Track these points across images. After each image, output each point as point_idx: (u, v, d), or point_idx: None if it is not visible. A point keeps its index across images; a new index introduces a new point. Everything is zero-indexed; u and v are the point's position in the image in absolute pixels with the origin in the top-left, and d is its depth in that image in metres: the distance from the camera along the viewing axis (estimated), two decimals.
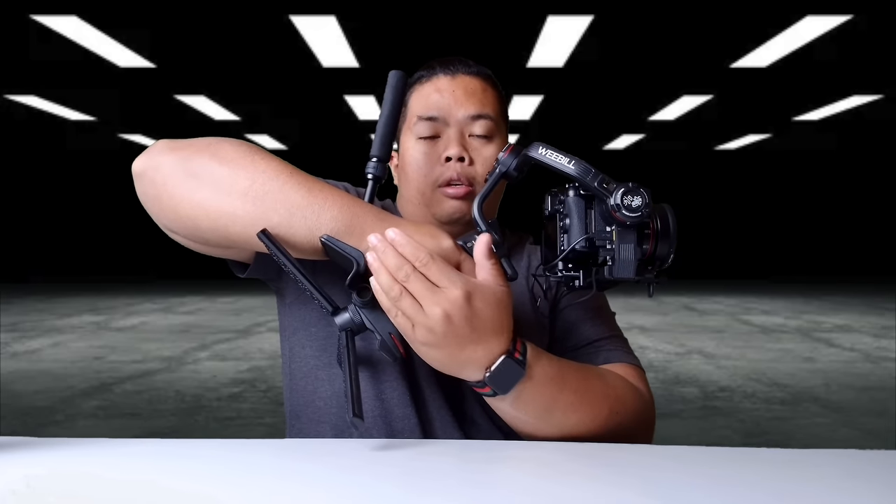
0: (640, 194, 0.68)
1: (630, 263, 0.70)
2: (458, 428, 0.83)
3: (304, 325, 0.88)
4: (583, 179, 0.70)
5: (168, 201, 0.70)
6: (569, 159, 0.71)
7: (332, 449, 0.72)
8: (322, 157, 11.78)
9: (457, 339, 0.64)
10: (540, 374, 0.69)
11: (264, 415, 3.62)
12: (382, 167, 0.81)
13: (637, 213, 0.68)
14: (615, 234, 0.70)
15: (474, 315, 0.64)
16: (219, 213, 0.68)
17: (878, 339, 6.22)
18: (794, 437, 3.28)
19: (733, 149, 13.38)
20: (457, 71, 0.91)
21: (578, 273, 0.74)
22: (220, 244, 0.74)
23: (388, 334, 0.68)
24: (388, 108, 0.82)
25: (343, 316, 0.70)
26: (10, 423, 3.45)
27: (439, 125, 0.89)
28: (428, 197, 0.89)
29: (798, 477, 0.61)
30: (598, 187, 0.70)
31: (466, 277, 0.66)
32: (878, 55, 6.75)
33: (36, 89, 8.39)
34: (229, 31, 6.23)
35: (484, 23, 5.98)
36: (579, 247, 0.72)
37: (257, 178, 0.67)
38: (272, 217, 0.66)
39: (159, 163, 0.70)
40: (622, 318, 0.89)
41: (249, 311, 8.18)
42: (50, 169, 14.35)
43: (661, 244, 0.71)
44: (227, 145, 0.71)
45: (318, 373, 0.86)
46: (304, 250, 0.69)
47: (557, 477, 0.61)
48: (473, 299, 0.64)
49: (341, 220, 0.67)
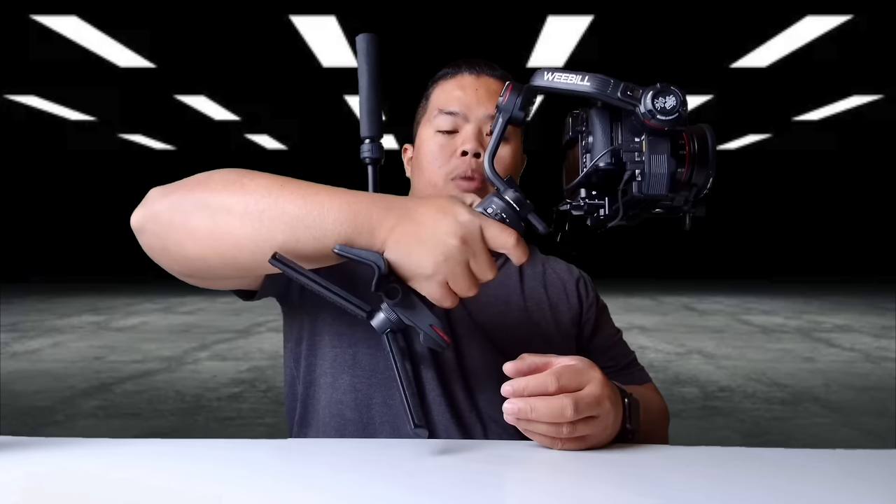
0: (673, 93, 0.60)
1: (662, 178, 0.62)
2: (462, 434, 0.83)
3: (309, 334, 0.88)
4: (602, 94, 0.62)
5: (175, 248, 0.67)
6: (581, 76, 0.64)
7: (332, 449, 0.72)
8: (322, 158, 11.81)
9: (614, 413, 0.70)
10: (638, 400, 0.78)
11: (264, 415, 3.62)
12: (378, 147, 0.79)
13: (673, 114, 0.60)
14: (645, 144, 0.62)
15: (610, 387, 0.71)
16: (224, 246, 0.65)
17: (878, 339, 6.22)
18: (794, 437, 3.28)
19: (733, 149, 13.38)
20: (482, 72, 0.94)
21: (603, 200, 0.66)
22: (236, 275, 0.72)
23: (430, 326, 0.64)
24: (367, 78, 0.78)
25: (379, 317, 0.65)
26: (10, 423, 3.45)
27: (459, 120, 0.91)
28: (440, 189, 0.90)
29: (798, 477, 0.61)
30: (622, 98, 0.62)
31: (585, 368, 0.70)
32: (878, 55, 6.75)
33: (36, 89, 8.39)
34: (229, 31, 6.23)
35: (484, 23, 5.98)
36: (603, 163, 0.63)
37: (249, 199, 0.64)
38: (276, 236, 0.63)
39: (155, 212, 0.67)
40: (622, 318, 0.90)
41: (249, 311, 8.17)
42: (50, 169, 14.36)
43: (699, 170, 0.64)
44: (216, 176, 0.67)
45: (320, 380, 0.86)
46: (319, 260, 0.65)
47: (558, 477, 0.61)
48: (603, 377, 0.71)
49: (345, 221, 0.62)
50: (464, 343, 0.88)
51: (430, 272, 0.61)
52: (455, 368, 0.86)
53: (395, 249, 0.62)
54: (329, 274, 0.65)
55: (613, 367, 0.99)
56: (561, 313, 0.97)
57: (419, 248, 0.61)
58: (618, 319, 0.96)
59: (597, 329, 1.00)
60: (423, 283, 0.62)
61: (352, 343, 0.85)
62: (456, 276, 0.61)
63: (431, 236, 0.61)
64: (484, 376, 0.85)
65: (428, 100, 0.96)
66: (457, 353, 0.87)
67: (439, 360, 0.86)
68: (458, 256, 0.61)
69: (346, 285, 0.65)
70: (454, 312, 0.89)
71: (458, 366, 0.86)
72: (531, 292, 0.96)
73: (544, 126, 10.57)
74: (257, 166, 0.71)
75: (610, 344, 1.01)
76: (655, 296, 10.27)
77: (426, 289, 0.62)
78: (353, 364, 0.85)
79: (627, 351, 1.03)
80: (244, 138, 12.29)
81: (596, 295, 1.03)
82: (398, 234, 0.62)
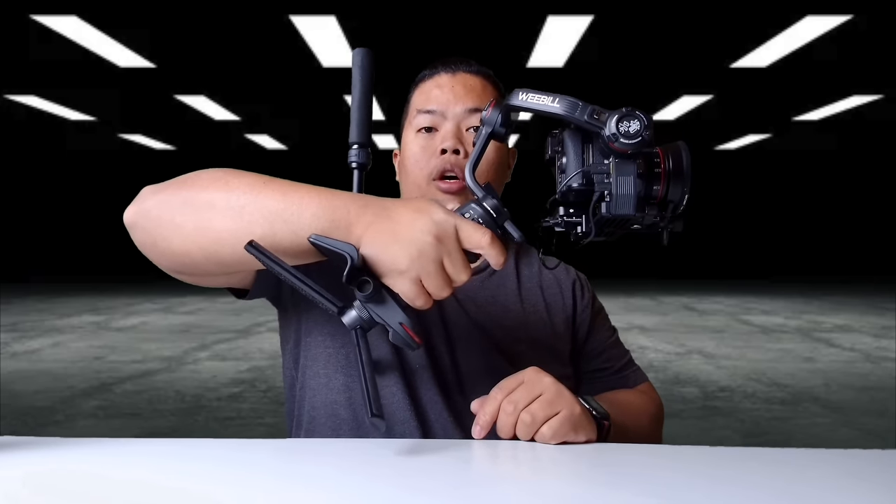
0: (637, 118, 0.62)
1: (629, 198, 0.64)
2: (461, 433, 0.83)
3: (302, 335, 0.89)
4: (571, 116, 0.64)
5: (162, 243, 0.69)
6: (552, 98, 0.65)
7: (331, 449, 0.72)
8: (322, 158, 11.80)
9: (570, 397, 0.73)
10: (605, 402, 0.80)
11: (264, 415, 3.62)
12: (365, 153, 0.81)
13: (636, 138, 0.62)
14: (612, 166, 0.65)
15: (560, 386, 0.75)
16: (206, 240, 0.66)
17: (878, 339, 6.22)
18: (794, 437, 3.28)
19: (733, 149, 13.38)
20: (458, 69, 0.95)
21: (580, 218, 0.68)
22: (221, 272, 0.73)
23: (399, 324, 0.65)
24: (360, 88, 0.81)
25: (350, 314, 0.66)
26: (10, 423, 3.45)
27: (437, 118, 0.92)
28: (423, 190, 0.92)
29: (798, 477, 0.61)
30: (588, 121, 0.64)
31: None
32: (878, 55, 6.75)
33: (36, 89, 8.39)
34: (229, 31, 6.23)
35: (484, 23, 5.98)
36: (576, 184, 0.66)
37: (231, 196, 0.66)
38: (254, 230, 0.64)
39: (145, 209, 0.69)
40: (622, 318, 0.90)
41: (249, 311, 8.17)
42: (50, 169, 14.35)
43: (674, 185, 0.65)
44: (204, 175, 0.69)
45: (315, 381, 0.87)
46: (296, 255, 0.66)
47: (558, 477, 0.61)
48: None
49: (323, 216, 0.64)
50: (461, 345, 0.88)
51: (404, 268, 0.62)
52: (452, 370, 0.87)
53: (370, 245, 0.63)
54: (308, 276, 0.66)
55: (608, 369, 1.00)
56: (556, 315, 0.97)
57: (394, 244, 0.62)
58: (618, 319, 0.96)
59: (591, 331, 1.01)
60: (396, 279, 0.63)
61: (344, 343, 0.86)
62: (429, 273, 0.62)
63: (407, 233, 0.62)
64: (481, 377, 0.85)
65: (409, 103, 0.97)
66: (454, 354, 0.88)
67: (438, 362, 0.86)
68: (432, 253, 0.62)
69: (324, 286, 0.66)
70: (452, 315, 0.89)
71: (455, 367, 0.87)
72: (527, 293, 0.97)
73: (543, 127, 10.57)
74: (257, 166, 0.72)
75: (604, 347, 1.01)
76: (655, 296, 10.27)
77: (400, 286, 0.63)
78: (347, 364, 0.86)
79: (622, 352, 1.04)
80: (244, 138, 12.29)
81: (592, 296, 1.03)
82: (374, 230, 0.63)
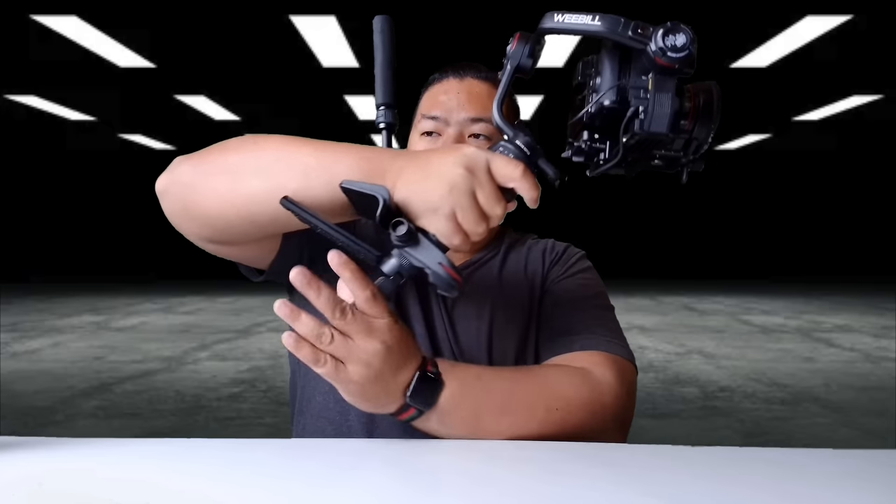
0: (683, 31, 0.61)
1: (665, 116, 0.61)
2: None
3: None
4: (613, 33, 0.62)
5: (195, 208, 0.70)
6: (591, 16, 0.63)
7: (332, 448, 0.72)
8: None
9: (391, 367, 0.64)
10: (458, 382, 0.68)
11: (264, 415, 3.62)
12: (392, 113, 0.81)
13: (683, 51, 0.60)
14: (652, 82, 0.62)
15: (403, 338, 0.64)
16: (241, 200, 0.67)
17: (878, 339, 6.22)
18: (794, 437, 3.28)
19: (733, 149, 13.38)
20: (466, 75, 0.95)
21: (604, 144, 0.65)
22: (255, 235, 0.73)
23: (439, 264, 0.62)
24: (381, 52, 0.82)
25: (391, 262, 0.64)
26: (10, 423, 3.45)
27: (440, 125, 0.92)
28: None
29: (798, 477, 0.60)
30: (632, 36, 0.62)
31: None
32: (878, 55, 6.75)
33: (36, 89, 8.39)
34: (229, 31, 6.23)
35: (484, 23, 5.98)
36: (608, 101, 0.63)
37: (265, 154, 0.67)
38: (289, 185, 0.64)
39: (178, 175, 0.71)
40: (622, 318, 0.89)
41: (249, 311, 8.17)
42: (50, 169, 14.35)
43: (701, 124, 0.63)
44: (234, 140, 0.71)
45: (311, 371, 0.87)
46: (330, 210, 0.66)
47: (557, 477, 0.61)
48: (399, 323, 0.64)
49: (357, 167, 0.64)
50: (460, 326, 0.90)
51: (437, 204, 0.61)
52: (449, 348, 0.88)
53: (403, 189, 0.63)
54: None
55: (555, 328, 0.87)
56: (535, 283, 0.95)
57: (425, 181, 0.62)
58: (618, 320, 0.95)
59: (559, 281, 0.93)
60: (431, 218, 0.62)
61: None
62: (463, 207, 0.61)
63: (437, 168, 0.62)
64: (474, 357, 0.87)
65: (418, 105, 0.98)
66: (455, 331, 0.89)
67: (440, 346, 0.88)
68: (464, 185, 0.61)
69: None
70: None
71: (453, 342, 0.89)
72: (509, 275, 0.95)
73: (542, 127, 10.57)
74: None
75: (567, 299, 0.90)
76: (655, 296, 10.27)
77: (435, 223, 0.62)
78: None
79: (593, 318, 0.87)
80: None
81: (573, 261, 0.97)
82: (407, 173, 0.63)
